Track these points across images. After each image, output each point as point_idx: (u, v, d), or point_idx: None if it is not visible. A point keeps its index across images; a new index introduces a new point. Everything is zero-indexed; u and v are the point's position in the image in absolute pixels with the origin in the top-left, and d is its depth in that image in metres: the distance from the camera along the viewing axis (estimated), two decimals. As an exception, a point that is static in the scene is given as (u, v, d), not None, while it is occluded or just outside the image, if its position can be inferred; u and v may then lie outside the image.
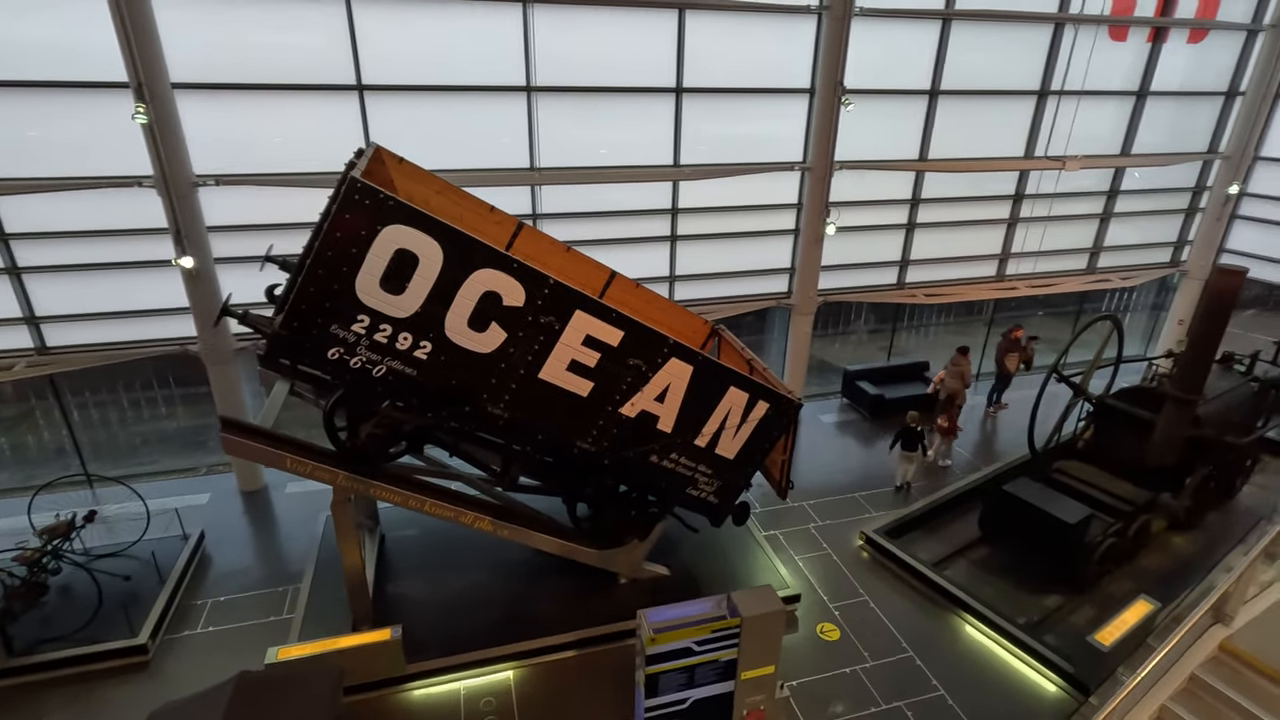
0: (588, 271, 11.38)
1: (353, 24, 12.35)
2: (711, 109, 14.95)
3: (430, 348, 8.28)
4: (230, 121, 12.37)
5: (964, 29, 15.92)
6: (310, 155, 12.69)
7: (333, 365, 8.16)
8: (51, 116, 11.62)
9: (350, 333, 7.94)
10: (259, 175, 12.61)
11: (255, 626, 10.84)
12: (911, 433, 14.33)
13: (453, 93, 13.32)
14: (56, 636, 10.04)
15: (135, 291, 13.10)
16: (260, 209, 12.94)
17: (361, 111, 12.97)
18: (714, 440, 9.95)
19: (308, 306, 7.70)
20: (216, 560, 12.33)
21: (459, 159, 13.39)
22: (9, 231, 12.24)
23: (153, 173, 11.66)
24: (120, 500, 12.51)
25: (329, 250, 7.56)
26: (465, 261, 8.00)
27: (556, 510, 10.83)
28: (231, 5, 11.67)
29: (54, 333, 13.14)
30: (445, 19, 12.76)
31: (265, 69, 12.21)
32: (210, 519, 13.19)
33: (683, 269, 16.23)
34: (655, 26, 13.92)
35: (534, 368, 8.73)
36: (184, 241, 11.96)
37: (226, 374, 13.36)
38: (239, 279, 12.71)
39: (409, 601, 11.02)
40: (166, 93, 11.33)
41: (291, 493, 14.15)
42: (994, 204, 18.54)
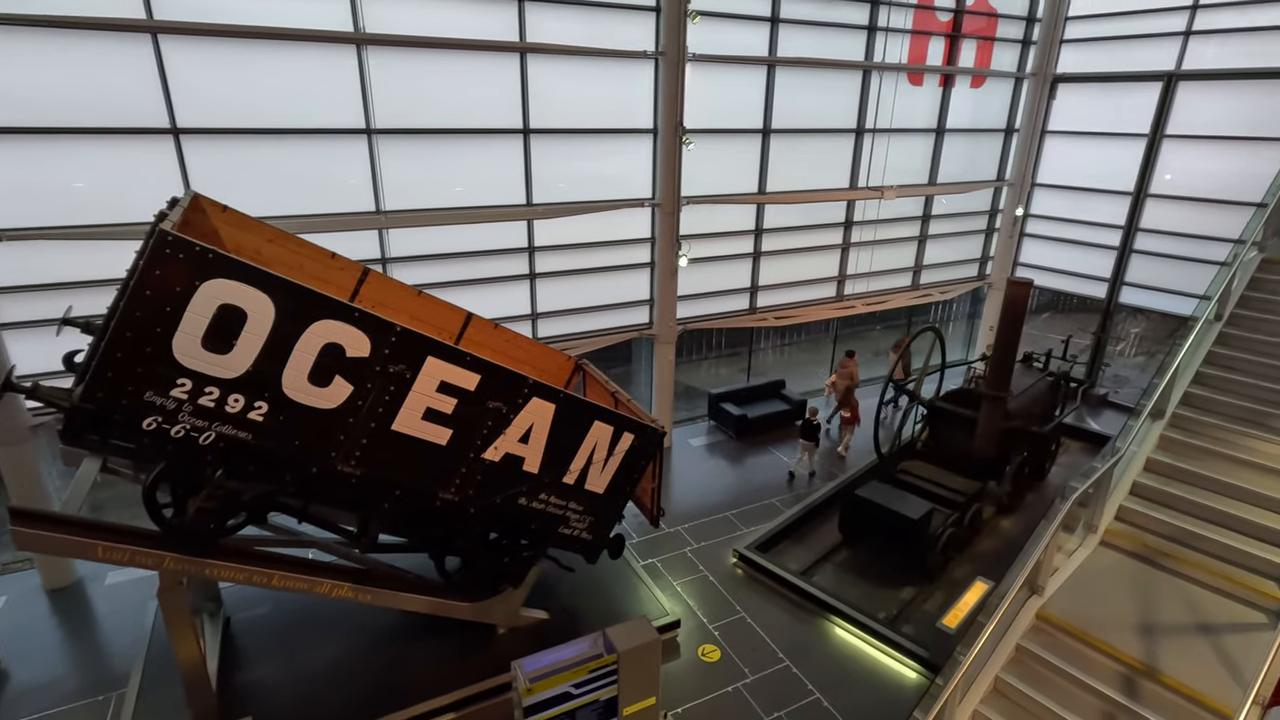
0: (443, 315, 11.09)
1: (161, 62, 11.42)
2: (561, 149, 15.24)
3: (267, 408, 7.67)
4: (20, 169, 10.96)
5: (788, 74, 17.42)
6: (118, 205, 11.50)
7: (150, 436, 7.32)
8: None
9: (169, 399, 7.19)
10: (57, 229, 11.22)
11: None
12: (810, 425, 16.12)
13: (286, 136, 12.63)
14: None
15: (-106, 368, 11.14)
16: (58, 267, 11.50)
17: (179, 157, 11.96)
18: (582, 476, 9.94)
19: (115, 373, 6.88)
20: (16, 675, 10.53)
21: (297, 204, 12.69)
22: None
23: (-88, 230, 10.05)
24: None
25: (138, 310, 6.83)
26: (301, 314, 7.52)
27: (424, 567, 10.31)
28: (18, 37, 10.43)
29: None
30: (274, 58, 12.14)
31: (64, 110, 10.98)
32: (8, 625, 11.29)
33: (544, 306, 16.24)
34: (499, 69, 14.04)
35: (386, 420, 8.32)
36: (-44, 307, 10.35)
37: (20, 456, 11.57)
38: (33, 345, 11.23)
39: (261, 688, 9.96)
40: (-73, 138, 9.85)
41: (113, 583, 12.42)
42: (828, 231, 20.22)
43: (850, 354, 18.85)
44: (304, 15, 12.14)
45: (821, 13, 17.48)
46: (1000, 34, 20.85)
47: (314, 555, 9.67)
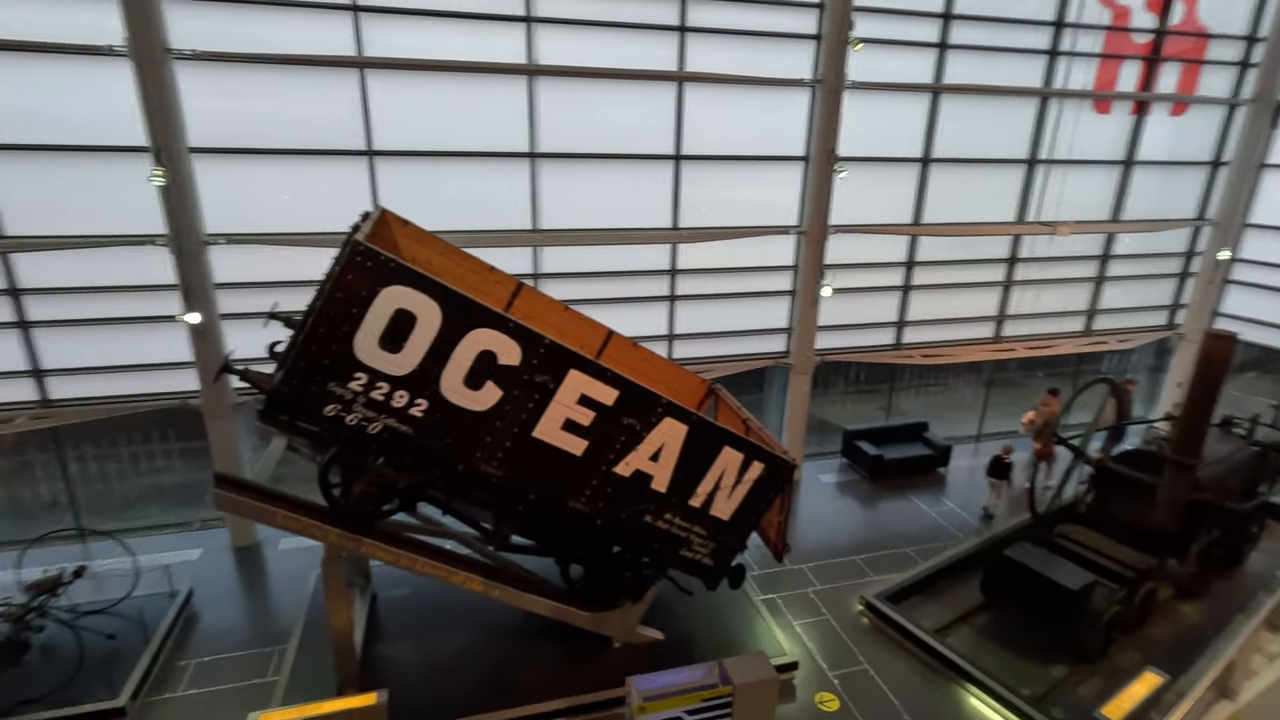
0: (585, 331, 11.56)
1: (366, 94, 12.94)
2: (710, 174, 15.46)
3: (426, 405, 8.38)
4: (244, 184, 12.84)
5: (953, 101, 16.57)
6: (320, 217, 13.10)
7: (329, 422, 8.24)
8: (70, 179, 12.13)
9: (347, 390, 8.06)
10: (268, 235, 12.97)
11: (239, 689, 10.58)
12: (1001, 463, 15.64)
13: (460, 158, 13.83)
14: (35, 698, 9.80)
15: (139, 346, 13.34)
16: (269, 267, 13.28)
17: (371, 176, 13.45)
18: (708, 501, 9.90)
19: (308, 364, 7.84)
20: (204, 618, 12.12)
21: (463, 221, 13.78)
22: (21, 287, 12.57)
23: (165, 231, 12.02)
24: (112, 555, 12.41)
25: (331, 309, 7.75)
26: (462, 321, 8.18)
27: (549, 571, 10.70)
28: (251, 73, 12.28)
29: (58, 386, 13.32)
30: (456, 88, 13.36)
31: (281, 135, 12.77)
32: (200, 575, 13.03)
33: (681, 328, 16.45)
34: (656, 97, 14.54)
35: (528, 426, 8.79)
36: (191, 298, 12.22)
37: (225, 429, 13.43)
38: (244, 335, 12.97)
39: (397, 664, 10.78)
40: (183, 156, 11.79)
41: (284, 549, 14.00)
42: (988, 267, 18.87)
43: (1053, 392, 17.81)
44: (483, 50, 13.26)
45: (996, 38, 16.50)
46: (1211, 56, 18.57)
47: (452, 547, 10.33)
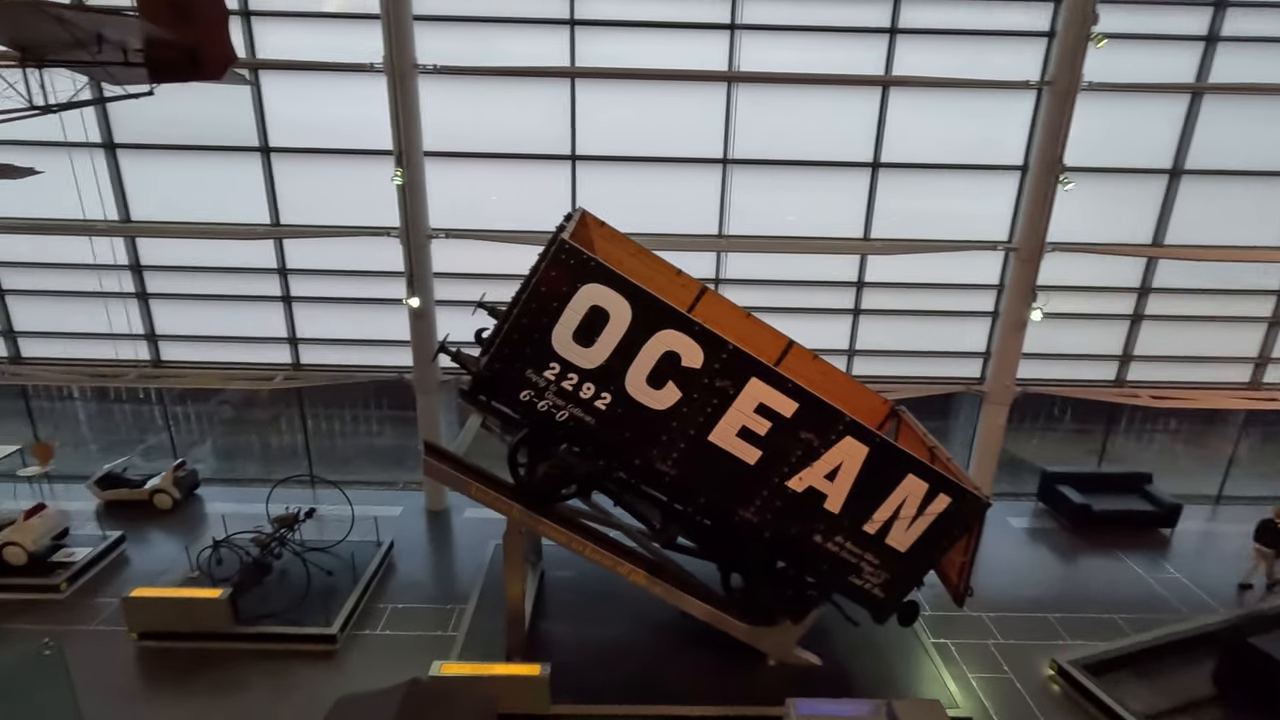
0: (766, 339, 11.41)
1: (574, 101, 13.79)
2: (909, 184, 14.58)
3: (609, 399, 8.73)
4: (461, 184, 14.26)
5: (1217, 103, 14.16)
6: (523, 216, 14.18)
7: (522, 406, 8.88)
8: (329, 177, 14.25)
9: (541, 378, 8.63)
10: (480, 231, 14.26)
11: (423, 637, 11.74)
12: (1272, 528, 13.39)
13: (654, 163, 14.27)
14: (271, 613, 11.60)
15: (368, 323, 15.33)
16: (477, 260, 14.63)
17: (572, 179, 14.31)
18: (885, 529, 9.33)
19: (510, 350, 8.51)
20: (400, 569, 13.62)
21: (653, 223, 14.18)
22: (288, 267, 14.98)
23: (399, 225, 13.67)
24: (333, 502, 14.36)
25: (534, 302, 8.35)
26: (651, 321, 8.42)
27: (711, 576, 10.69)
28: (476, 85, 13.60)
29: (306, 353, 15.70)
30: (655, 95, 13.82)
31: (494, 140, 14.01)
32: (399, 530, 14.65)
33: (864, 344, 15.68)
34: (857, 102, 13.98)
35: (704, 430, 8.85)
36: (414, 285, 13.79)
37: (431, 403, 15.00)
38: (452, 320, 14.39)
39: (559, 641, 11.36)
40: (420, 160, 13.33)
41: (469, 517, 15.35)
42: (1248, 299, 15.90)
43: None
44: (685, 58, 13.56)
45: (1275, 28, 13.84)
46: None
47: (619, 538, 10.66)
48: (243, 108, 13.69)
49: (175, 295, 15.39)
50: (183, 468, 15.76)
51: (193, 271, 15.12)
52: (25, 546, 12.57)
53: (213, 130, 13.89)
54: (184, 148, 14.12)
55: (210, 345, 15.74)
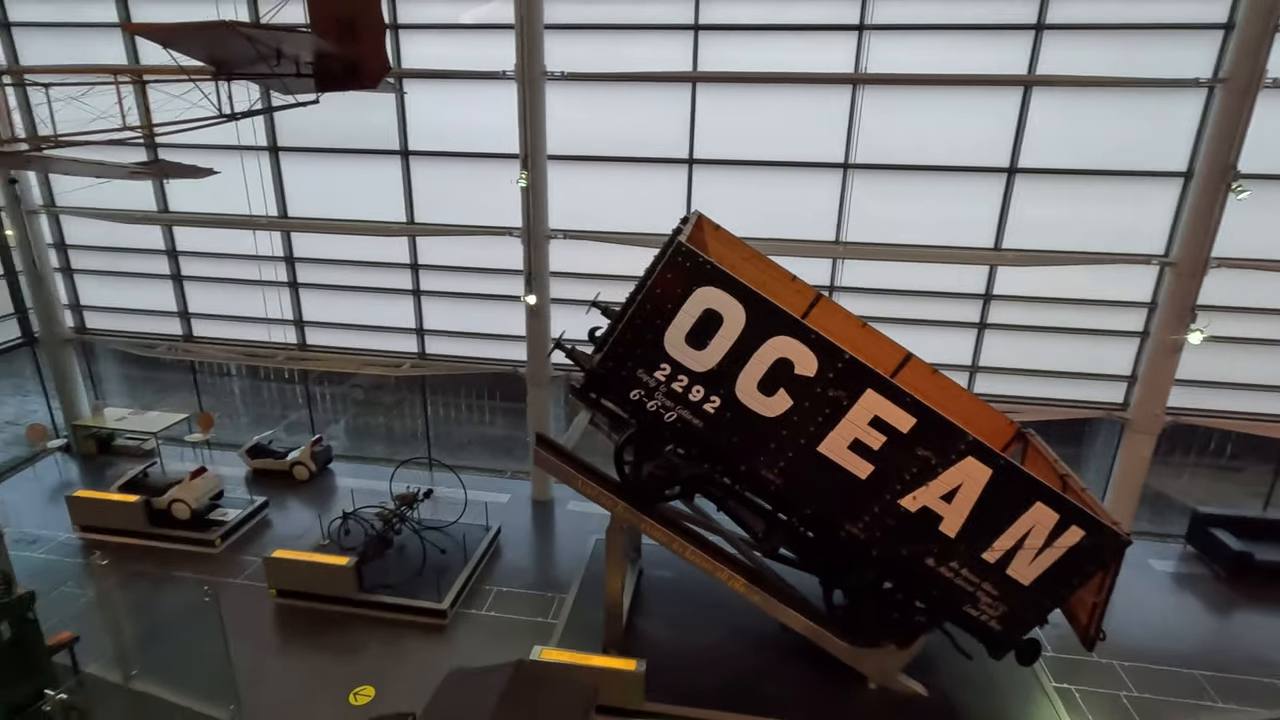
0: (882, 350, 10.99)
1: (694, 105, 13.87)
2: (1048, 190, 13.56)
3: (718, 403, 8.72)
4: (574, 186, 14.68)
5: None
6: (637, 218, 14.42)
7: (632, 405, 9.04)
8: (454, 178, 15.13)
9: (652, 378, 8.75)
10: (597, 232, 14.64)
11: (525, 622, 12.20)
12: None
13: (772, 167, 14.10)
14: (389, 584, 12.45)
15: (487, 318, 16.12)
16: (591, 261, 15.03)
17: (688, 182, 14.39)
18: (1006, 559, 8.74)
19: (623, 350, 8.69)
20: (505, 554, 14.23)
21: (768, 228, 14.01)
22: (420, 262, 16.03)
23: (520, 226, 14.28)
24: (447, 485, 15.20)
25: (648, 303, 8.49)
26: (765, 327, 8.34)
27: (812, 590, 10.43)
28: (596, 90, 13.98)
29: (431, 343, 16.73)
30: (775, 99, 13.66)
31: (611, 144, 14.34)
32: (506, 517, 15.28)
33: (988, 360, 14.74)
34: (994, 103, 13.17)
35: (814, 440, 8.65)
36: (532, 283, 14.35)
37: (541, 396, 15.56)
38: (566, 318, 14.85)
39: (655, 640, 11.46)
40: (543, 163, 13.86)
41: (572, 510, 15.79)
42: None
43: None
44: (807, 61, 13.29)
45: None
46: None
47: (720, 543, 10.62)
48: (386, 114, 14.79)
49: (320, 285, 16.85)
50: (319, 443, 17.21)
51: (336, 264, 16.50)
52: (189, 504, 14.19)
53: (360, 134, 15.09)
54: (335, 151, 15.45)
55: (348, 332, 17.12)
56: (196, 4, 14.51)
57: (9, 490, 16.19)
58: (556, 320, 15.11)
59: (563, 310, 15.19)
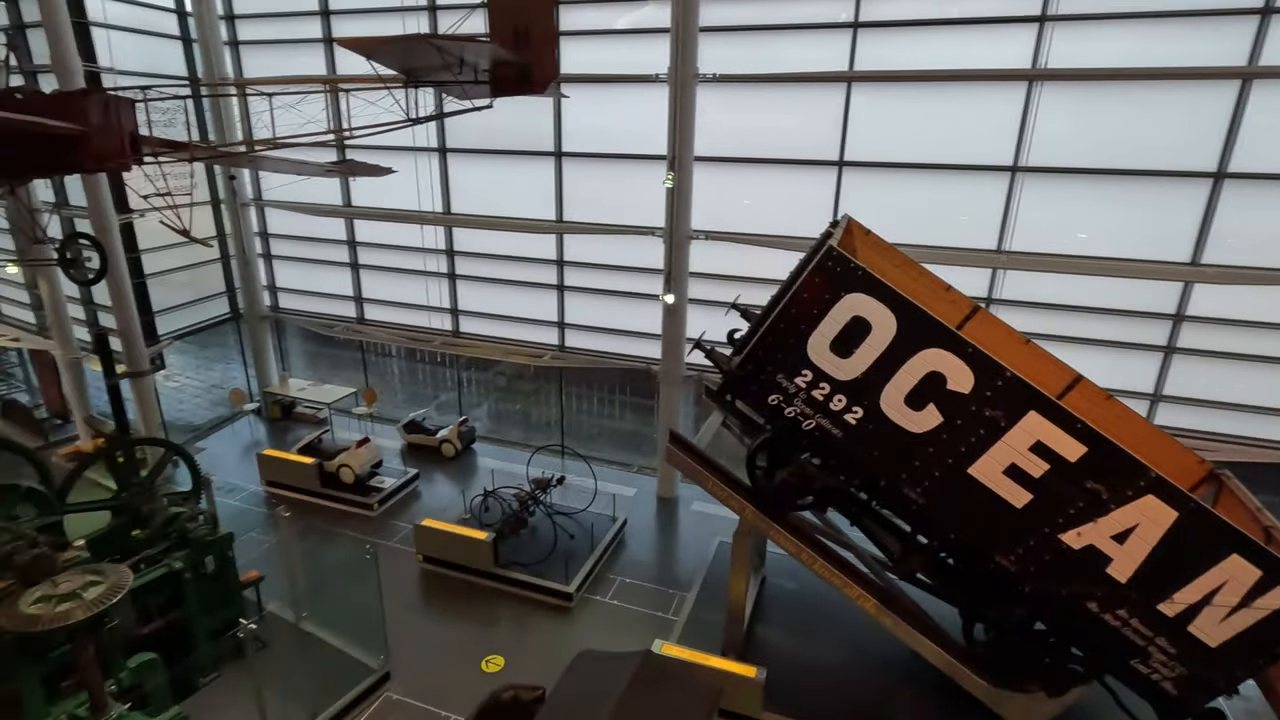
0: (1047, 369, 10.06)
1: (848, 106, 13.43)
2: (1265, 198, 11.80)
3: (861, 414, 8.41)
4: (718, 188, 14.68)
5: None
6: (780, 221, 14.20)
7: (768, 410, 8.93)
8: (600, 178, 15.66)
9: (792, 384, 8.59)
10: (739, 234, 14.58)
11: (645, 615, 12.43)
12: None
13: (928, 170, 13.36)
14: (522, 562, 13.15)
15: (624, 315, 16.55)
16: (730, 262, 15.00)
17: (837, 185, 13.97)
18: (1189, 614, 7.74)
19: (763, 353, 8.61)
20: (629, 546, 14.55)
21: (921, 234, 13.29)
22: (565, 259, 16.76)
23: (663, 226, 14.52)
24: (577, 473, 15.78)
25: (794, 307, 8.34)
26: (917, 337, 7.93)
27: (950, 619, 9.79)
28: (744, 92, 13.91)
29: (570, 337, 17.45)
30: (937, 98, 12.92)
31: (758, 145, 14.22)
32: (632, 510, 15.61)
33: (1176, 390, 13.09)
34: (1198, 98, 11.66)
35: (965, 461, 8.11)
36: (671, 282, 14.55)
37: (673, 395, 15.74)
38: (702, 319, 14.92)
39: (775, 649, 11.26)
40: (689, 164, 14.00)
41: (696, 510, 15.85)
42: None
43: None
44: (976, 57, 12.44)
45: None
46: None
47: (851, 560, 10.23)
48: (543, 118, 15.58)
49: (475, 277, 18.08)
50: (465, 424, 18.48)
51: (490, 258, 17.63)
52: (354, 469, 15.76)
53: (518, 138, 16.01)
54: (495, 152, 16.50)
55: (496, 322, 18.24)
56: (384, 20, 16.09)
57: (215, 443, 18.80)
58: (692, 320, 15.21)
59: (699, 311, 15.28)
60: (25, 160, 8.21)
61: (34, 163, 8.43)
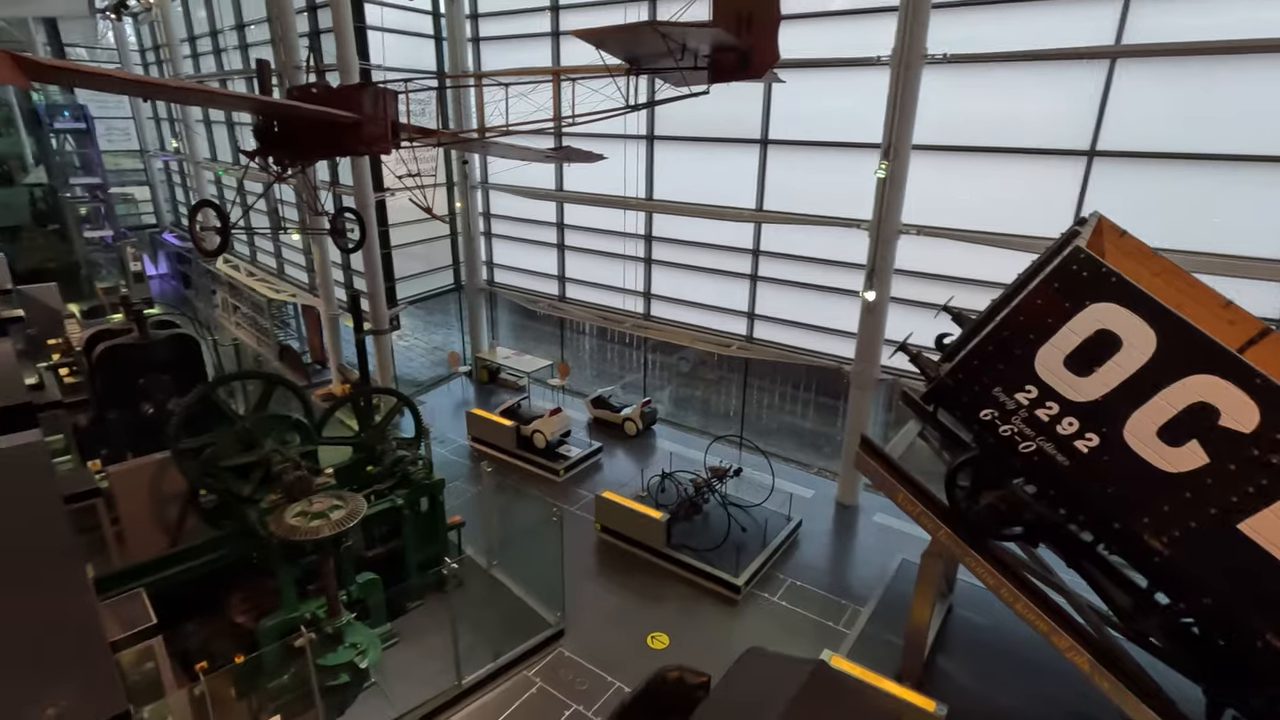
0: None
1: (1108, 87, 11.63)
2: None
3: (1096, 442, 7.29)
4: (934, 178, 13.48)
5: None
6: (1005, 217, 12.71)
7: (979, 425, 8.06)
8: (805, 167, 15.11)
9: (1012, 399, 7.67)
10: (958, 230, 13.31)
11: (813, 622, 11.98)
12: None
13: (1204, 161, 11.18)
14: (693, 547, 13.28)
15: (817, 309, 15.92)
16: (942, 260, 13.77)
17: (1084, 178, 12.20)
18: None
19: (980, 363, 7.77)
20: (803, 549, 14.09)
21: (1192, 238, 11.21)
22: (761, 249, 16.49)
23: (870, 218, 13.68)
24: (754, 467, 15.57)
25: (1022, 315, 7.41)
26: (1183, 360, 6.68)
27: (1185, 693, 8.25)
28: (974, 73, 12.57)
29: (759, 328, 17.19)
30: (1224, 74, 10.73)
31: (984, 132, 12.83)
32: (808, 512, 15.07)
33: None
34: None
35: (1234, 514, 6.72)
36: (874, 278, 13.70)
37: (864, 399, 14.88)
38: (905, 319, 13.92)
39: (959, 687, 10.30)
40: (906, 153, 13.01)
41: (878, 522, 14.93)
42: None
43: None
44: None
45: None
46: None
47: (1064, 605, 9.00)
48: (750, 104, 15.36)
49: (669, 263, 18.45)
50: (648, 405, 19.04)
51: (685, 244, 17.87)
52: (546, 435, 16.93)
53: (724, 124, 15.96)
54: (700, 139, 16.62)
55: (686, 308, 18.49)
56: (608, 11, 16.80)
57: (434, 398, 21.23)
58: (892, 321, 14.23)
59: (901, 311, 14.26)
60: (316, 144, 9.73)
61: (321, 146, 9.96)
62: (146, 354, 12.93)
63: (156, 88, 10.13)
